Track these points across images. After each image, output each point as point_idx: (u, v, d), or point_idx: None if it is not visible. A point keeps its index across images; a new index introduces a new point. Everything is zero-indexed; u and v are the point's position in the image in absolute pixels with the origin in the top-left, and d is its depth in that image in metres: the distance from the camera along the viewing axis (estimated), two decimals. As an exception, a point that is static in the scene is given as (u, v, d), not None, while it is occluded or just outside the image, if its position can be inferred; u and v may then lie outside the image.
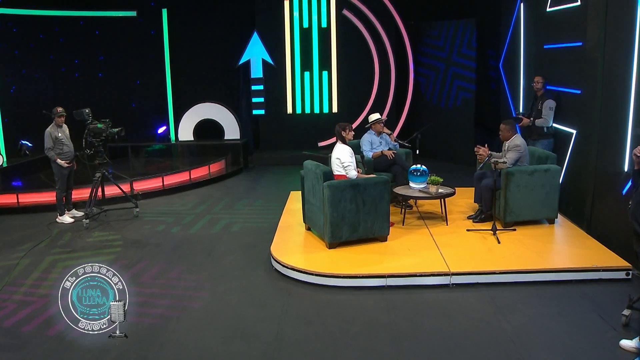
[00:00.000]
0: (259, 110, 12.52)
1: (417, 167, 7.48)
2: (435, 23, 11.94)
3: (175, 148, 12.09)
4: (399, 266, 5.91)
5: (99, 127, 8.00)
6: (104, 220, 8.32)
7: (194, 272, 6.32)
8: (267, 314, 5.27)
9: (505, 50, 10.38)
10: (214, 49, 12.41)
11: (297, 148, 12.58)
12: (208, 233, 7.71)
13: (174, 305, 5.48)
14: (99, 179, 8.13)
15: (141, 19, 12.10)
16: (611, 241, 6.41)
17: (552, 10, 8.07)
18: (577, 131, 7.46)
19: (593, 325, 4.89)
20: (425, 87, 12.41)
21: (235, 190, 10.14)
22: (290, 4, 12.11)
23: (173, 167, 10.92)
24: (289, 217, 7.81)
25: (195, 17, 12.29)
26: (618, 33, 6.42)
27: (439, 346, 4.62)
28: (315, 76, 12.50)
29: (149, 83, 12.47)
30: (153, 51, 12.25)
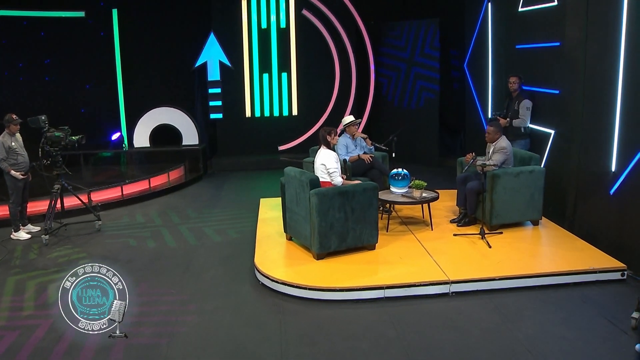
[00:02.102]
0: (216, 114, 12.04)
1: (398, 171, 7.27)
2: (396, 23, 11.82)
3: (131, 155, 11.43)
4: (395, 276, 5.67)
5: (57, 135, 7.38)
6: (64, 235, 7.70)
7: (176, 290, 5.87)
8: (265, 333, 4.91)
9: (471, 50, 10.36)
10: (169, 51, 11.83)
11: (257, 153, 12.24)
12: (181, 246, 7.25)
13: (161, 329, 5.04)
14: (58, 190, 7.51)
15: (90, 19, 11.38)
16: (599, 241, 6.40)
17: (525, 10, 8.05)
18: (556, 131, 7.45)
19: (604, 330, 4.80)
20: (387, 88, 12.28)
21: (200, 199, 9.66)
22: (248, 4, 11.70)
23: (131, 175, 10.31)
24: (267, 227, 7.44)
25: (148, 18, 11.66)
26: (600, 32, 6.42)
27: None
28: (275, 78, 12.13)
29: (100, 87, 11.75)
30: (103, 54, 11.55)
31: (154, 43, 11.77)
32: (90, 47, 11.56)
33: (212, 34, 11.62)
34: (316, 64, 12.09)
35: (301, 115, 12.28)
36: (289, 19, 11.87)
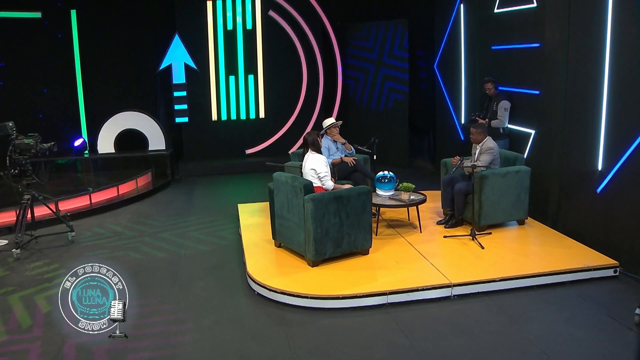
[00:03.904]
0: (182, 117, 11.69)
1: (384, 174, 7.22)
2: (363, 24, 11.79)
3: (96, 162, 10.94)
4: (396, 281, 5.59)
5: (27, 142, 6.96)
6: (36, 248, 7.28)
7: (168, 305, 5.60)
8: (273, 348, 4.73)
9: (442, 51, 10.42)
10: (132, 53, 11.41)
11: (224, 157, 11.98)
12: (163, 257, 6.96)
13: (160, 348, 4.78)
14: (28, 201, 7.09)
15: (47, 21, 10.83)
16: (585, 238, 6.52)
17: (502, 12, 8.14)
18: (536, 131, 7.55)
19: (609, 328, 4.87)
20: (355, 90, 12.23)
21: (172, 206, 9.34)
22: (213, 5, 11.42)
23: (97, 183, 9.86)
24: (251, 234, 7.24)
25: (109, 19, 11.20)
26: (583, 33, 6.53)
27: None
28: (241, 80, 11.90)
29: (58, 92, 11.22)
30: (61, 56, 11.04)
31: (115, 45, 11.33)
32: (48, 49, 11.01)
33: (176, 35, 11.28)
34: (283, 65, 11.94)
35: (268, 118, 12.10)
36: (255, 20, 11.67)
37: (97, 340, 4.69)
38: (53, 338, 4.92)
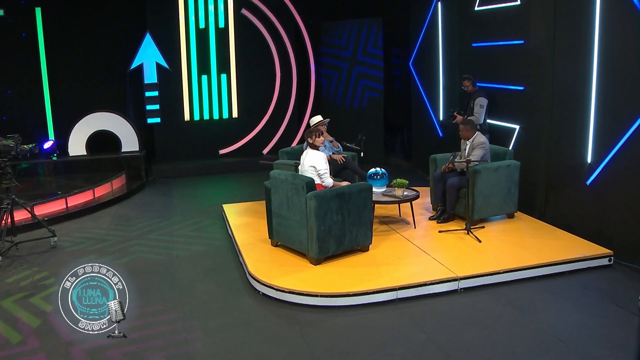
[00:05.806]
0: (154, 118, 11.41)
1: (376, 170, 7.25)
2: (336, 22, 11.79)
3: (67, 165, 10.55)
4: (403, 276, 5.61)
5: (7, 144, 6.67)
6: (17, 255, 6.96)
7: (170, 310, 5.44)
8: (290, 349, 4.67)
9: (417, 49, 10.52)
10: (101, 53, 11.03)
11: (197, 157, 11.77)
12: (155, 260, 6.77)
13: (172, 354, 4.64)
14: (8, 206, 6.78)
15: (10, 19, 10.38)
16: (575, 230, 6.70)
17: (482, 9, 8.27)
18: (521, 126, 7.71)
19: (616, 314, 5.02)
20: (328, 88, 12.22)
21: (152, 208, 9.10)
22: (185, 3, 11.19)
23: (71, 186, 9.51)
24: (245, 234, 7.12)
25: (76, 17, 10.81)
26: (569, 29, 6.70)
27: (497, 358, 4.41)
28: (214, 80, 11.71)
29: (23, 93, 10.76)
30: (26, 56, 10.61)
31: (83, 44, 10.95)
32: (11, 49, 10.53)
33: (147, 34, 11.00)
34: (256, 64, 11.80)
35: (242, 118, 11.95)
36: (227, 19, 11.50)
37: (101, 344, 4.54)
38: (57, 347, 4.72)
